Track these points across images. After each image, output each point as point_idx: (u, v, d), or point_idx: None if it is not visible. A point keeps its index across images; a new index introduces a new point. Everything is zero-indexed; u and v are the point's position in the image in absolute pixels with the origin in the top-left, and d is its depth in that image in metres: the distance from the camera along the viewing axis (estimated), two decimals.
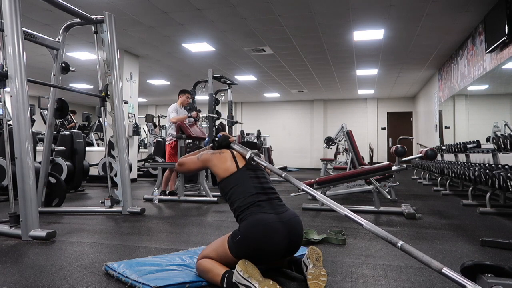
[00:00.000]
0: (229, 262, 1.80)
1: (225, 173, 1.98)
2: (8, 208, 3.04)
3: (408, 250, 1.51)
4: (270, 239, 1.74)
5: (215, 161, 2.05)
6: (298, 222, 1.87)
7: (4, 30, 2.96)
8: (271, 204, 1.87)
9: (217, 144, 2.19)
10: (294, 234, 1.82)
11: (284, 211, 1.86)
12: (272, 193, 1.95)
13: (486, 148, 5.02)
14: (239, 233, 1.78)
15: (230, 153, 2.07)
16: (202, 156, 2.13)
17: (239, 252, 1.76)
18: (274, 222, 1.77)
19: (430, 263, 1.44)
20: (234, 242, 1.78)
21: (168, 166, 5.45)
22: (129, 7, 5.53)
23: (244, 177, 1.95)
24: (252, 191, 1.89)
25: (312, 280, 1.75)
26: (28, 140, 2.93)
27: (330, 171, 9.15)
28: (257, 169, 2.04)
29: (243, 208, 1.85)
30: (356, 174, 4.29)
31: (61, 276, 1.99)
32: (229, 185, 1.96)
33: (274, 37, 6.78)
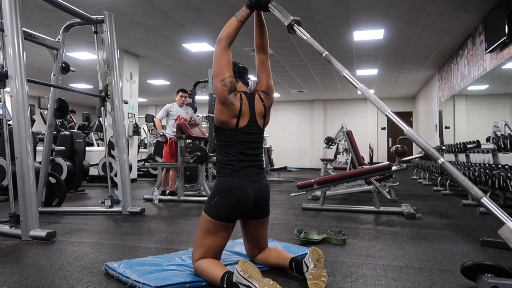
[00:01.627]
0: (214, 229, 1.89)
1: (222, 125, 1.96)
2: (8, 208, 3.04)
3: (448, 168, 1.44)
4: (239, 201, 1.90)
5: (222, 106, 1.91)
6: (265, 187, 2.01)
7: (4, 30, 2.96)
8: (250, 171, 1.95)
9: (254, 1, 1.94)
10: (260, 197, 1.96)
11: (258, 180, 1.97)
12: (255, 160, 1.99)
13: (486, 148, 5.02)
14: (216, 195, 1.92)
15: (239, 107, 1.92)
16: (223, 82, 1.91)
17: (218, 211, 1.89)
18: (245, 187, 1.91)
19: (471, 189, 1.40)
20: (213, 204, 1.91)
21: (168, 166, 5.45)
22: (129, 7, 5.53)
23: (236, 139, 1.95)
24: (238, 157, 1.94)
25: (312, 280, 1.75)
26: (28, 140, 2.93)
27: (330, 171, 9.14)
28: (254, 133, 1.98)
29: (223, 166, 1.95)
30: (356, 174, 4.29)
31: (61, 276, 1.99)
32: (221, 136, 1.99)
33: (274, 37, 6.77)
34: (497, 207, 1.38)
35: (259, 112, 2.02)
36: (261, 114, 2.04)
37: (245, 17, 2.00)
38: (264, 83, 2.12)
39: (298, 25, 1.80)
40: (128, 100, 7.60)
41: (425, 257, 2.37)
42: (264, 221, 2.07)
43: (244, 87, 2.07)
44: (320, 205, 4.24)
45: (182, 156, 5.04)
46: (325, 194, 4.27)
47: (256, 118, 2.00)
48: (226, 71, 1.96)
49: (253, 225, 2.05)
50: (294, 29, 1.80)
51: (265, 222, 2.08)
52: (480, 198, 1.36)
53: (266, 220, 2.09)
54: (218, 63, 1.98)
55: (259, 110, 2.02)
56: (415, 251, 2.52)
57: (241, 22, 1.99)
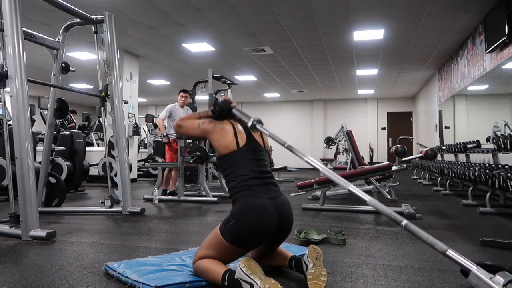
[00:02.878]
0: (226, 251, 1.82)
1: (225, 150, 1.95)
2: (8, 208, 3.04)
3: (412, 229, 1.49)
4: (262, 222, 1.78)
5: (216, 135, 1.98)
6: (289, 207, 1.92)
7: (4, 30, 2.96)
8: (266, 188, 1.89)
9: (219, 108, 2.08)
10: (284, 218, 1.86)
11: (277, 196, 1.89)
12: (268, 177, 1.95)
13: (486, 148, 5.02)
14: (232, 218, 1.81)
15: (232, 128, 1.98)
16: (204, 125, 2.03)
17: (234, 236, 1.78)
18: (266, 206, 1.80)
19: (435, 245, 1.43)
20: (228, 228, 1.80)
21: (168, 166, 5.46)
22: (129, 7, 5.53)
23: (242, 158, 1.93)
24: (249, 175, 1.89)
25: (312, 280, 1.75)
26: (28, 140, 2.93)
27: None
28: (257, 150, 2.00)
29: (237, 190, 1.87)
30: (356, 174, 4.29)
31: (61, 276, 1.99)
32: (227, 163, 1.95)
33: (274, 37, 6.78)
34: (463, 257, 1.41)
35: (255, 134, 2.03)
36: (258, 134, 2.05)
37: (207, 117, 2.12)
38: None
39: (260, 123, 1.97)
40: (128, 100, 7.60)
41: (425, 257, 2.37)
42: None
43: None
44: (320, 205, 4.24)
45: (182, 156, 5.04)
46: (325, 194, 4.27)
47: (253, 136, 2.02)
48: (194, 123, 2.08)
49: (269, 246, 1.97)
50: (257, 128, 1.97)
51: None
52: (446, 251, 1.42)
53: None
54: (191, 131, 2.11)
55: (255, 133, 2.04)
56: (415, 251, 2.52)
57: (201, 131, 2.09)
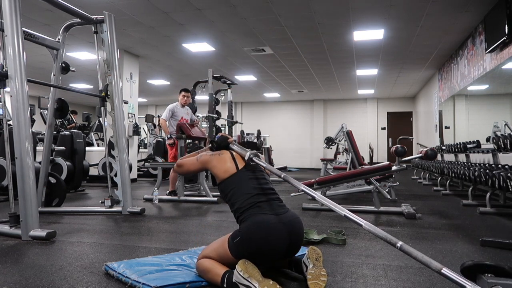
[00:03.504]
0: (229, 262, 1.80)
1: (225, 174, 1.98)
2: (8, 208, 3.04)
3: (407, 250, 1.51)
4: (270, 240, 1.74)
5: (214, 162, 2.05)
6: (298, 223, 1.87)
7: (4, 30, 2.96)
8: (271, 205, 1.86)
9: (216, 144, 2.19)
10: (295, 235, 1.82)
11: (284, 212, 1.86)
12: (272, 194, 1.94)
13: (486, 148, 5.02)
14: (240, 234, 1.78)
15: (229, 154, 2.07)
16: (202, 157, 2.13)
17: (239, 253, 1.76)
18: (274, 223, 1.77)
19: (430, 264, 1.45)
20: (235, 243, 1.78)
21: (168, 166, 5.45)
22: (129, 7, 5.53)
23: (243, 178, 1.95)
24: (252, 192, 1.88)
25: (312, 280, 1.75)
26: (28, 140, 2.93)
27: (330, 171, 9.15)
28: (257, 170, 2.04)
29: (243, 209, 1.85)
30: (356, 174, 4.29)
31: (61, 276, 1.99)
32: (229, 187, 1.96)
33: (274, 37, 6.78)
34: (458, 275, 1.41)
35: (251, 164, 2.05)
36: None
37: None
38: None
39: (256, 157, 2.02)
40: (128, 100, 7.60)
41: None
42: None
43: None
44: (320, 205, 4.24)
45: (182, 156, 5.04)
46: (325, 194, 4.27)
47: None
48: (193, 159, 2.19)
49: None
50: (254, 161, 2.01)
51: None
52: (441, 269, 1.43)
53: None
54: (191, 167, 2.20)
55: None
56: None
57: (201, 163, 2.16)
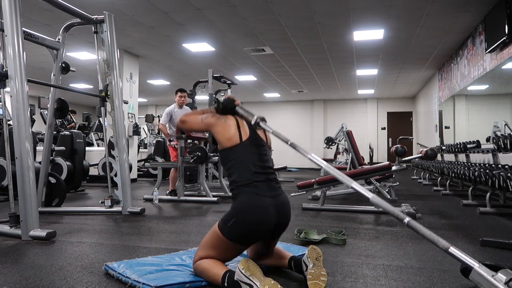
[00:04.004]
0: (226, 248, 1.83)
1: (228, 143, 1.94)
2: (8, 208, 3.04)
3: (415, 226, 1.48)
4: (261, 221, 1.80)
5: (219, 128, 1.97)
6: (288, 207, 1.93)
7: (4, 30, 2.96)
8: (268, 185, 1.89)
9: (222, 106, 2.07)
10: (283, 216, 1.88)
11: (278, 195, 1.90)
12: (270, 173, 1.95)
13: (486, 148, 5.02)
14: (233, 216, 1.82)
15: (235, 122, 1.98)
16: (207, 119, 2.05)
17: (234, 233, 1.80)
18: (267, 206, 1.82)
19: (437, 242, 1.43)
20: (229, 225, 1.81)
21: (168, 166, 5.46)
22: (129, 7, 5.53)
23: (245, 152, 1.92)
24: (252, 169, 1.88)
25: (312, 280, 1.75)
26: (28, 140, 2.93)
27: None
28: (260, 145, 2.00)
29: (239, 184, 1.87)
30: (356, 174, 4.29)
31: (61, 276, 1.99)
32: (229, 157, 1.94)
33: (274, 37, 6.77)
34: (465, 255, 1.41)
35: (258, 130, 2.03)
36: (261, 130, 2.04)
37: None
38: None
39: (263, 121, 1.96)
40: (128, 100, 7.60)
41: (425, 257, 2.37)
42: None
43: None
44: (320, 205, 4.24)
45: (182, 156, 5.04)
46: (325, 194, 4.27)
47: (256, 131, 2.01)
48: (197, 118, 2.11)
49: (266, 244, 1.99)
50: (260, 125, 1.95)
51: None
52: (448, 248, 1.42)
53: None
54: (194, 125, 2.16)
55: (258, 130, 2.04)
56: (415, 251, 2.52)
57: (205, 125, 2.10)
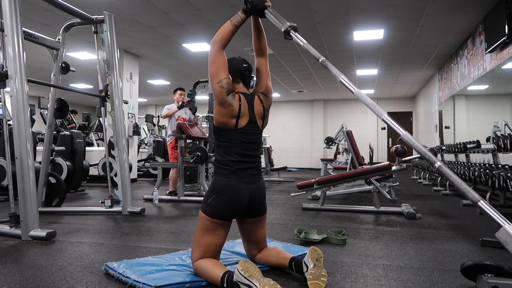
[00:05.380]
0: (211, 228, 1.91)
1: (222, 126, 1.96)
2: (8, 208, 3.04)
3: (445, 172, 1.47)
4: (235, 200, 1.92)
5: (221, 108, 1.92)
6: (261, 190, 2.02)
7: (4, 30, 2.96)
8: (248, 173, 1.97)
9: (251, 6, 1.92)
10: (255, 198, 1.98)
11: (255, 181, 1.99)
12: (254, 162, 2.01)
13: (486, 148, 5.02)
14: (212, 194, 1.94)
15: (237, 107, 1.93)
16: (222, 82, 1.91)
17: (215, 210, 1.91)
18: (241, 189, 1.93)
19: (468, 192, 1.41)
20: (208, 203, 1.93)
21: (168, 166, 5.46)
22: (129, 7, 5.53)
23: (236, 139, 1.95)
24: (237, 158, 1.95)
25: (312, 280, 1.75)
26: (28, 140, 2.93)
27: (330, 171, 9.14)
28: (253, 133, 1.99)
29: (222, 166, 1.96)
30: (356, 174, 4.29)
31: (61, 276, 1.99)
32: (221, 137, 1.99)
33: (274, 37, 6.77)
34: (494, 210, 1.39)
35: (258, 113, 2.03)
36: (260, 115, 2.05)
37: (240, 22, 2.00)
38: (263, 85, 2.15)
39: (295, 31, 1.80)
40: (128, 100, 7.60)
41: (425, 257, 2.37)
42: (261, 219, 2.07)
43: (244, 88, 2.08)
44: (320, 205, 4.24)
45: (182, 156, 5.04)
46: (325, 194, 4.27)
47: (255, 119, 2.01)
48: (222, 72, 1.96)
49: (249, 224, 2.05)
50: (290, 35, 1.80)
51: (261, 221, 2.08)
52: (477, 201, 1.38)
53: (263, 218, 2.08)
54: (214, 65, 1.99)
55: (258, 111, 2.04)
56: (415, 251, 2.52)
57: (236, 27, 1.99)
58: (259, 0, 1.92)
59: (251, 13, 1.96)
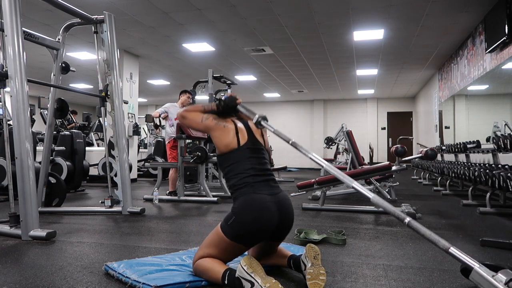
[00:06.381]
0: (227, 250, 1.82)
1: (226, 148, 1.96)
2: (8, 208, 3.04)
3: (415, 227, 1.49)
4: (263, 217, 1.80)
5: (218, 132, 1.98)
6: (289, 204, 1.94)
7: (4, 30, 2.96)
8: (266, 185, 1.90)
9: (224, 104, 2.07)
10: (284, 214, 1.88)
11: (277, 192, 1.91)
12: (268, 175, 1.97)
13: (486, 148, 5.02)
14: (233, 214, 1.83)
15: (234, 127, 1.99)
16: (207, 121, 2.02)
17: (235, 233, 1.80)
18: (266, 201, 1.82)
19: (438, 242, 1.43)
20: (229, 224, 1.81)
21: (168, 166, 5.45)
22: (129, 7, 5.53)
23: (243, 156, 1.94)
24: (249, 172, 1.90)
25: (311, 280, 1.75)
26: (28, 140, 2.93)
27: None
28: (257, 149, 2.02)
29: (238, 187, 1.89)
30: (356, 174, 4.29)
31: (61, 276, 1.99)
32: (227, 161, 1.96)
33: (274, 37, 6.77)
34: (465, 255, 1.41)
35: (256, 131, 2.05)
36: (259, 134, 2.07)
37: (211, 111, 2.09)
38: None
39: (265, 120, 1.97)
40: (128, 100, 7.60)
41: (425, 257, 2.37)
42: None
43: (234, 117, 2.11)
44: (320, 205, 4.24)
45: (182, 156, 5.04)
46: (325, 194, 4.27)
47: (255, 136, 2.03)
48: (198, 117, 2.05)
49: (270, 245, 1.98)
50: (262, 124, 1.96)
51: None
52: (448, 248, 1.42)
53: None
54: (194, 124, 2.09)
55: (256, 130, 2.06)
56: (415, 251, 2.52)
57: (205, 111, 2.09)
58: (231, 100, 2.07)
59: (224, 110, 2.08)
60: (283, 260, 2.01)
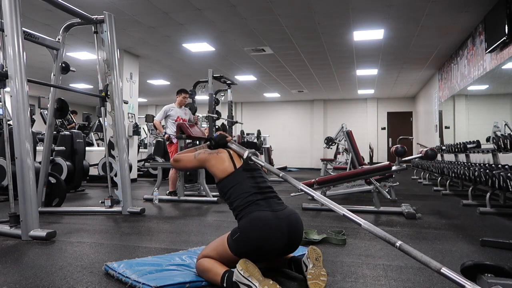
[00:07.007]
0: (230, 260, 1.81)
1: (223, 174, 1.99)
2: (8, 208, 3.04)
3: (406, 250, 1.51)
4: (269, 236, 1.77)
5: (212, 161, 2.05)
6: (297, 219, 1.89)
7: (4, 30, 2.96)
8: (269, 202, 1.88)
9: (214, 142, 2.19)
10: (293, 230, 1.84)
11: (282, 209, 1.88)
12: (269, 192, 1.96)
13: (486, 148, 5.02)
14: (238, 231, 1.80)
15: (227, 153, 2.06)
16: (200, 155, 2.12)
17: (239, 250, 1.77)
18: (271, 219, 1.79)
19: (429, 263, 1.44)
20: (234, 239, 1.80)
21: (168, 166, 5.45)
22: (129, 7, 5.53)
23: (241, 177, 1.95)
24: (250, 191, 1.90)
25: (312, 280, 1.75)
26: (28, 140, 2.93)
27: (330, 171, 9.15)
28: (254, 169, 2.04)
29: (241, 208, 1.87)
30: (356, 174, 4.29)
31: (61, 276, 1.99)
32: (227, 186, 1.96)
33: (274, 37, 6.77)
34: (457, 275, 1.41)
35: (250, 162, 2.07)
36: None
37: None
38: None
39: (254, 155, 2.02)
40: (128, 100, 7.59)
41: None
42: None
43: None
44: (320, 205, 4.24)
45: None
46: (325, 194, 4.27)
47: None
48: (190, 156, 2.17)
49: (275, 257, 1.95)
50: (252, 160, 2.01)
51: None
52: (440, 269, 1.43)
53: None
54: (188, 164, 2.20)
55: None
56: None
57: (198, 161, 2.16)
58: (221, 138, 2.19)
59: (215, 148, 2.18)
60: (283, 261, 2.01)
